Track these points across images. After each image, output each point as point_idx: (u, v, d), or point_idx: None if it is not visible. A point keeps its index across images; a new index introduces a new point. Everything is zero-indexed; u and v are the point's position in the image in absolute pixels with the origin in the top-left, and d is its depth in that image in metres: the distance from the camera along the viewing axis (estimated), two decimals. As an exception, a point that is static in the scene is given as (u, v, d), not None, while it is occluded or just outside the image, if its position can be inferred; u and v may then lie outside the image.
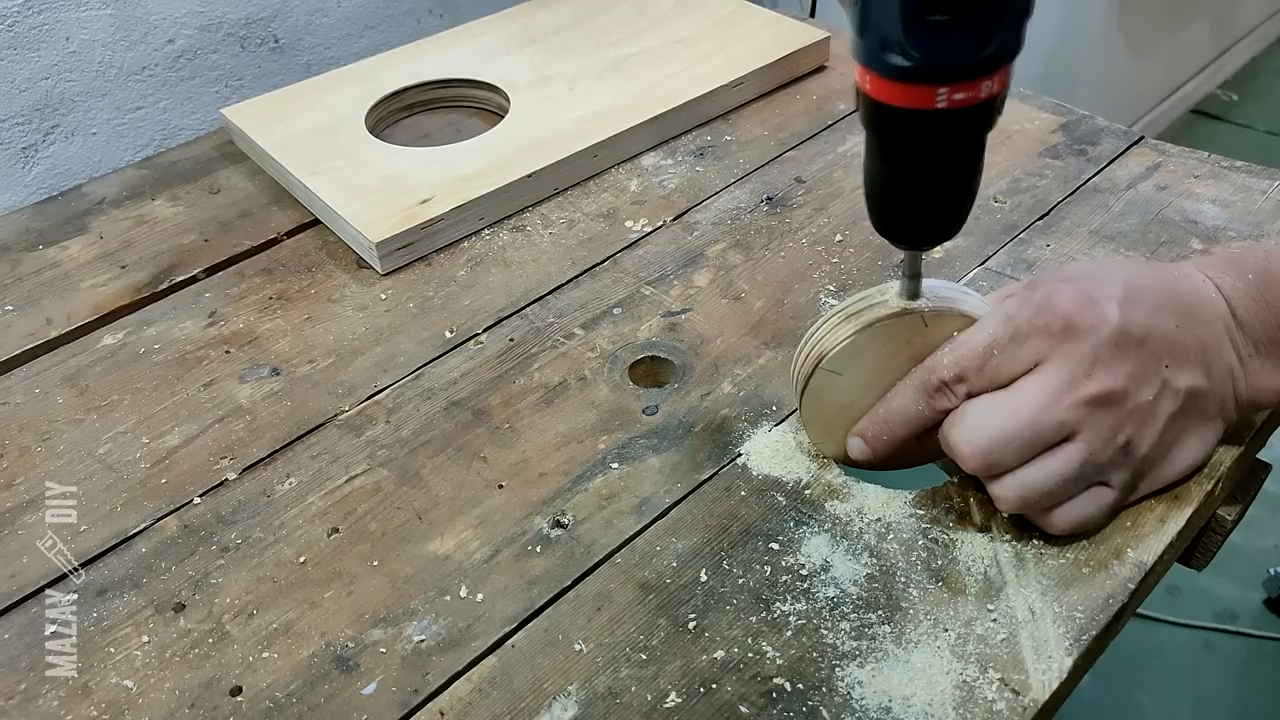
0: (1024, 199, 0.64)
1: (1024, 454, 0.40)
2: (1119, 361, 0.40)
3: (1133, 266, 0.44)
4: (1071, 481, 0.40)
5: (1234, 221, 0.60)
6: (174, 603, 0.43)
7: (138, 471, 0.49)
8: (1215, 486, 0.45)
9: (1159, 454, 0.42)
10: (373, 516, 0.47)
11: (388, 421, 0.51)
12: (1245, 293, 0.44)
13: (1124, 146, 0.68)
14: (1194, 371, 0.42)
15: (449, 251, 0.62)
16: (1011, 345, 0.41)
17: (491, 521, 0.46)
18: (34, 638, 0.42)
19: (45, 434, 0.51)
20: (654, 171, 0.68)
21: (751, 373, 0.53)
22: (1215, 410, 0.43)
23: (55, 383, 0.54)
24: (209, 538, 0.46)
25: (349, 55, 0.84)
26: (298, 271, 0.61)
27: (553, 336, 0.56)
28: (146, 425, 0.52)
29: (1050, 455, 0.40)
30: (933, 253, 0.60)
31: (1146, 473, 0.43)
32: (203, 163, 0.71)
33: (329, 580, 0.44)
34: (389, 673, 0.40)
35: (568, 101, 0.70)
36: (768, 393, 0.51)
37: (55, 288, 0.60)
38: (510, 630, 0.42)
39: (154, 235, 0.64)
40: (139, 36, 0.74)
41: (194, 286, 0.61)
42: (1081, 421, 0.40)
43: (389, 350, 0.55)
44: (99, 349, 0.56)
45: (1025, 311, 0.41)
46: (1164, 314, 0.42)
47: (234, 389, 0.53)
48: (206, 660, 0.41)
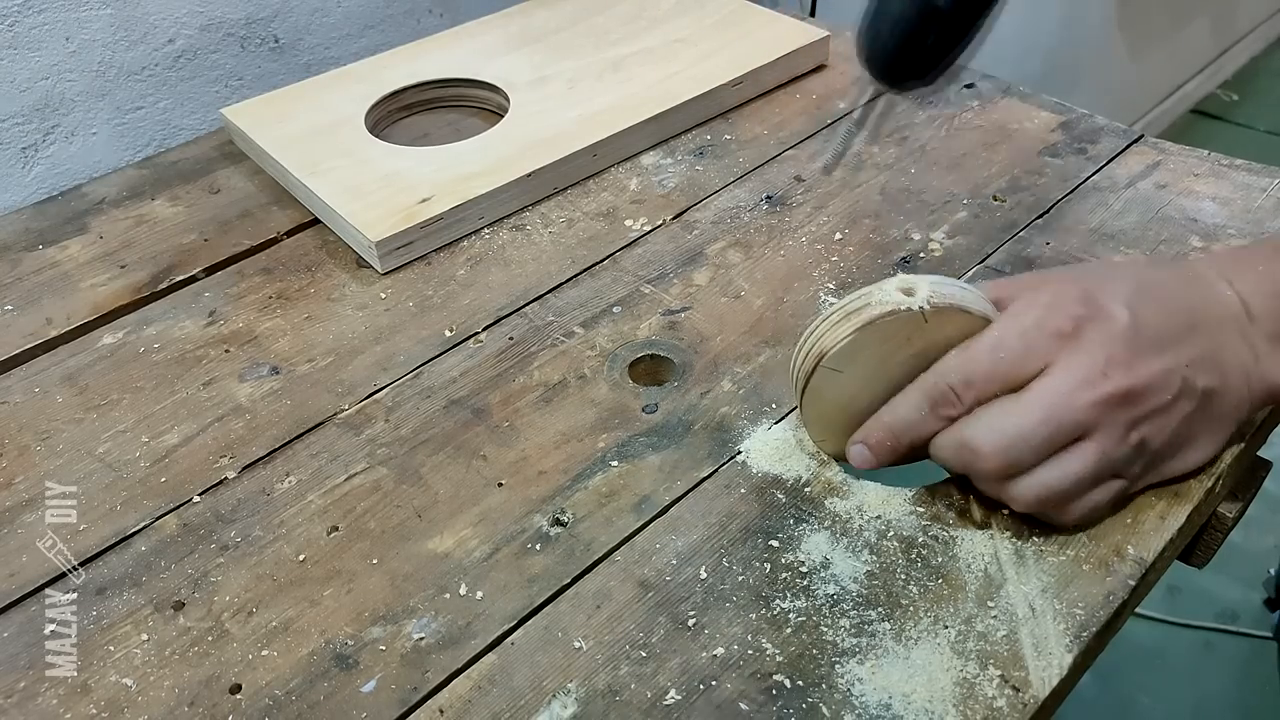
0: (1023, 197, 0.64)
1: (1041, 454, 0.40)
2: (1137, 361, 0.40)
3: (1144, 266, 0.45)
4: (1089, 480, 0.40)
5: (1234, 219, 0.60)
6: (173, 601, 0.43)
7: (137, 470, 0.49)
8: (1215, 484, 0.45)
9: (1171, 451, 0.43)
10: (372, 515, 0.47)
11: (387, 420, 0.51)
12: (1257, 286, 0.43)
13: (1124, 145, 0.68)
14: (1210, 373, 0.42)
15: (449, 250, 0.62)
16: (1020, 348, 0.41)
17: (491, 520, 0.46)
18: (33, 637, 0.42)
19: (45, 433, 0.51)
20: (654, 170, 0.68)
21: (751, 371, 0.53)
22: (1230, 411, 0.43)
23: (55, 382, 0.54)
24: (208, 536, 0.46)
25: (349, 55, 0.84)
26: (297, 271, 0.61)
27: (552, 335, 0.56)
28: (146, 424, 0.52)
29: (1067, 455, 0.40)
30: (930, 249, 0.60)
31: (1156, 465, 0.43)
32: (203, 162, 0.71)
33: (328, 578, 0.44)
34: (388, 670, 0.40)
35: (567, 101, 0.70)
36: (767, 391, 0.51)
37: (55, 287, 0.60)
38: (510, 628, 0.42)
39: (154, 235, 0.64)
40: (139, 36, 0.74)
41: (193, 286, 0.61)
42: (1098, 420, 0.40)
43: (389, 349, 0.55)
44: (99, 348, 0.56)
45: (1032, 313, 0.41)
46: (1177, 314, 0.42)
47: (233, 388, 0.53)
48: (206, 658, 0.41)
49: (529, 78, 0.73)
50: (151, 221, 0.66)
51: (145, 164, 0.71)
